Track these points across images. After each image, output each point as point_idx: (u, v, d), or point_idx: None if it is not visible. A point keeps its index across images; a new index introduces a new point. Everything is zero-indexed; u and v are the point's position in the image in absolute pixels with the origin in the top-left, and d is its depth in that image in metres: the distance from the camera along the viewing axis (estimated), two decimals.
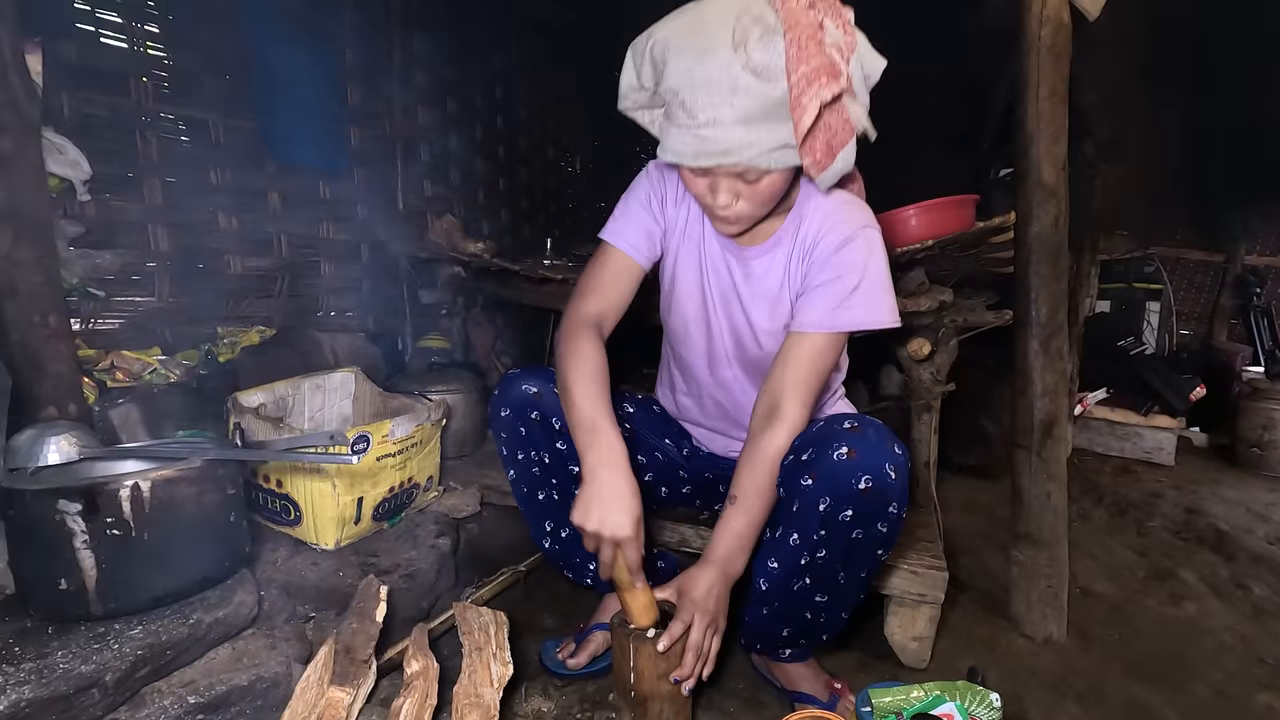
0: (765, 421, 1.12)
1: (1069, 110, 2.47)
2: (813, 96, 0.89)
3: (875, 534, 1.07)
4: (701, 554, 1.12)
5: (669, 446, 1.48)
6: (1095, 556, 2.14)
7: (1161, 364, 3.24)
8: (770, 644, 1.26)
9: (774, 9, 0.91)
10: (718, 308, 1.26)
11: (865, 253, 1.10)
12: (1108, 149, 2.50)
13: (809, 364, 1.11)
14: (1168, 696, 1.42)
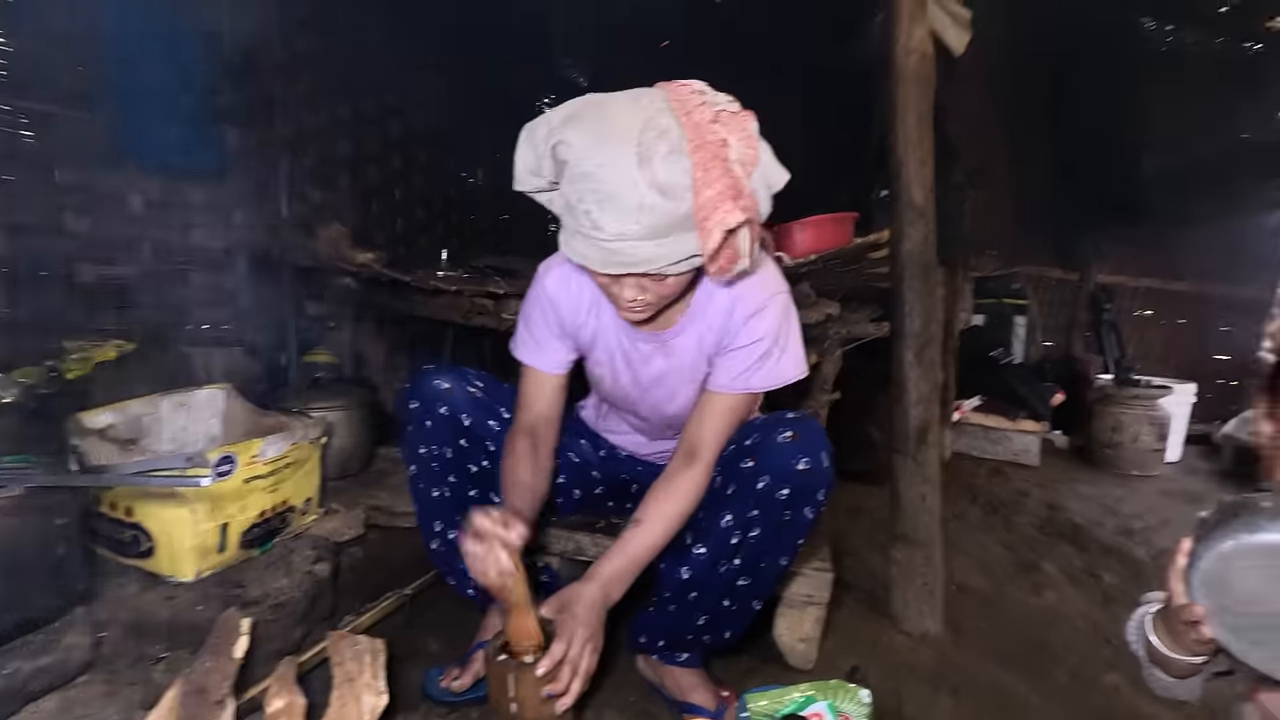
0: (683, 463, 1.18)
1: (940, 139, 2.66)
2: (717, 223, 0.91)
3: (802, 519, 1.13)
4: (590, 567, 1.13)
5: (584, 447, 1.49)
6: (970, 553, 2.28)
7: (1027, 373, 3.52)
8: (676, 641, 1.27)
9: (678, 122, 0.91)
10: (643, 391, 1.30)
11: (775, 319, 1.15)
12: (975, 175, 2.71)
13: (722, 419, 1.18)
14: (1031, 683, 1.52)
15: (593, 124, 0.92)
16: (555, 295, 1.23)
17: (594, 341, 1.26)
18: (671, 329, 1.19)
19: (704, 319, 1.17)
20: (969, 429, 3.34)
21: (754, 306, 1.13)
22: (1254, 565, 0.59)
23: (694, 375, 1.22)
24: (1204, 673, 0.75)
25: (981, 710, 1.41)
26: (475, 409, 1.30)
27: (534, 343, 1.26)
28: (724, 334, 1.15)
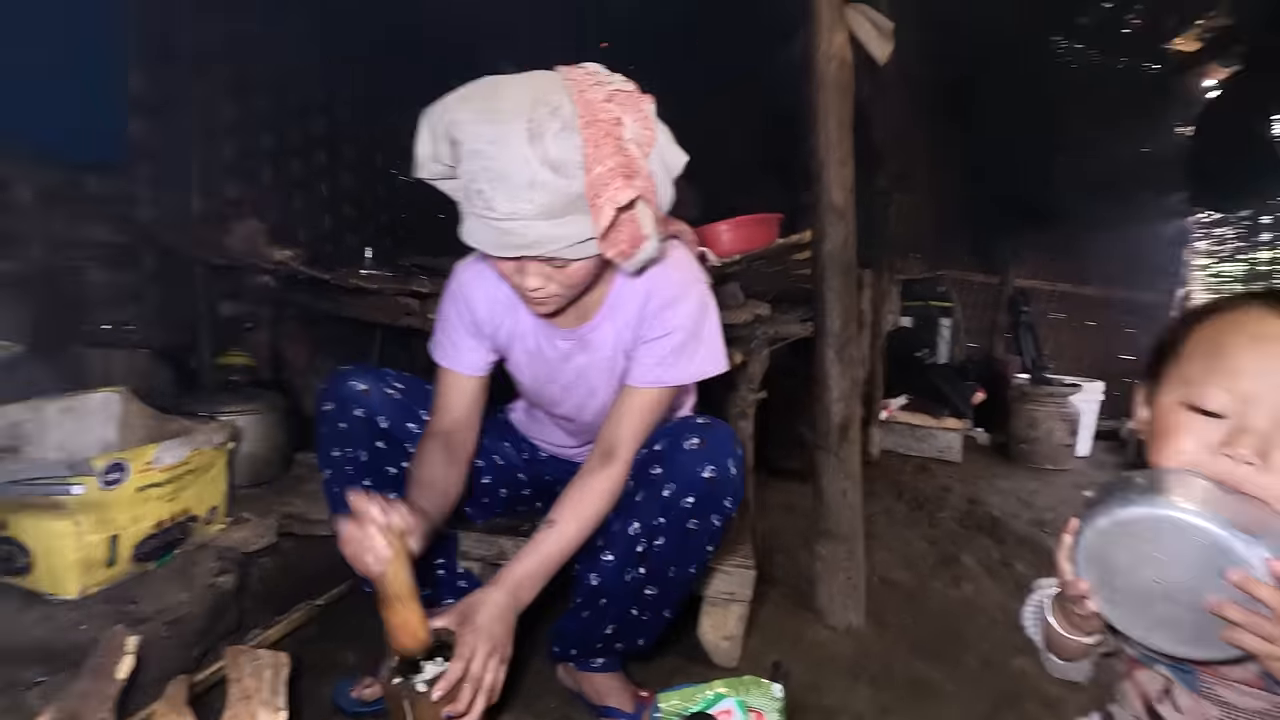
0: (599, 463, 1.16)
1: (864, 145, 2.74)
2: (608, 200, 0.90)
3: (709, 526, 1.12)
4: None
5: (507, 449, 1.46)
6: (894, 548, 2.34)
7: (951, 373, 3.66)
8: (588, 648, 1.25)
9: (571, 100, 0.90)
10: (564, 390, 1.28)
11: (691, 311, 1.14)
12: (898, 180, 2.80)
13: (640, 415, 1.16)
14: (946, 671, 1.57)
15: (484, 102, 0.90)
16: (470, 294, 1.20)
17: (511, 342, 1.24)
18: (588, 324, 1.18)
19: (620, 313, 1.16)
20: (897, 427, 3.44)
21: (668, 298, 1.12)
22: (1127, 538, 0.61)
23: (613, 371, 1.21)
24: (1093, 654, 0.78)
25: (897, 698, 1.44)
26: (394, 411, 1.26)
27: (450, 344, 1.23)
28: (639, 326, 1.14)
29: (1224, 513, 0.57)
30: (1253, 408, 0.62)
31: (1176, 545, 0.58)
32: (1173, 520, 0.57)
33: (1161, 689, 0.74)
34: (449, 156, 0.93)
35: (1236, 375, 0.63)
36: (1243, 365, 0.63)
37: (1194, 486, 0.59)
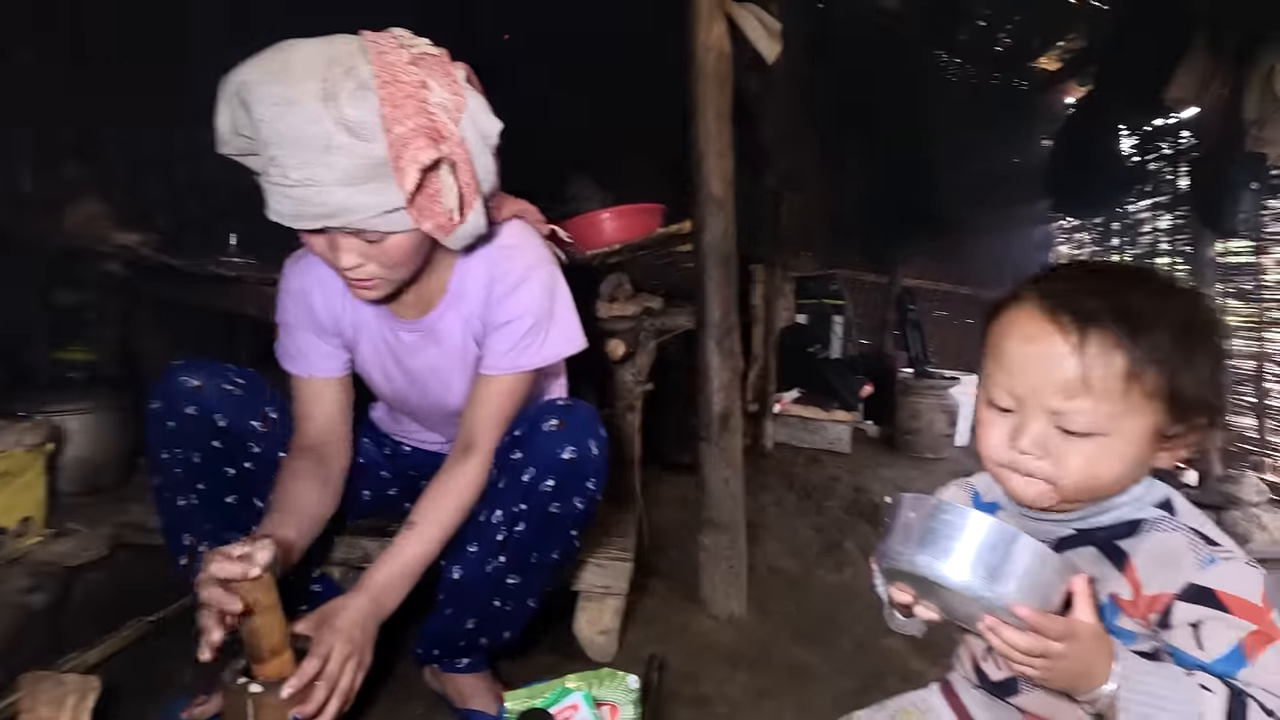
0: (459, 457, 1.11)
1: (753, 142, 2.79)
2: (410, 160, 0.85)
3: (572, 510, 1.09)
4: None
5: (368, 447, 1.38)
6: (783, 538, 2.39)
7: (841, 367, 3.79)
8: (451, 647, 1.19)
9: (369, 61, 0.86)
10: (417, 385, 1.22)
11: (539, 292, 1.11)
12: (787, 178, 2.87)
13: (498, 404, 1.12)
14: (821, 654, 1.60)
15: (276, 64, 0.84)
16: (304, 287, 1.13)
17: (356, 336, 1.17)
18: (433, 313, 1.13)
19: (465, 300, 1.11)
20: (790, 420, 3.52)
21: (514, 281, 1.08)
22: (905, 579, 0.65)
23: (466, 362, 1.16)
24: None
25: (773, 683, 1.45)
26: (233, 408, 1.16)
27: (296, 349, 1.15)
28: (486, 312, 1.10)
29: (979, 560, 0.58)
30: (1027, 404, 0.65)
31: (943, 589, 0.61)
32: (931, 576, 0.60)
33: (985, 648, 0.77)
34: (247, 126, 0.86)
35: (1012, 374, 0.67)
36: (1015, 364, 0.66)
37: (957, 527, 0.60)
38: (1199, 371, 0.64)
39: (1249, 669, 0.57)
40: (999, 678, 0.76)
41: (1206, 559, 0.62)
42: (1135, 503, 0.69)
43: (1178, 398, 0.63)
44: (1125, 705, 0.56)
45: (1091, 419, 0.62)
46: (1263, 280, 3.39)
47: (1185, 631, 0.60)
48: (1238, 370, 3.53)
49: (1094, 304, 0.62)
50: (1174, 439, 0.66)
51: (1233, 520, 2.66)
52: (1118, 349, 0.61)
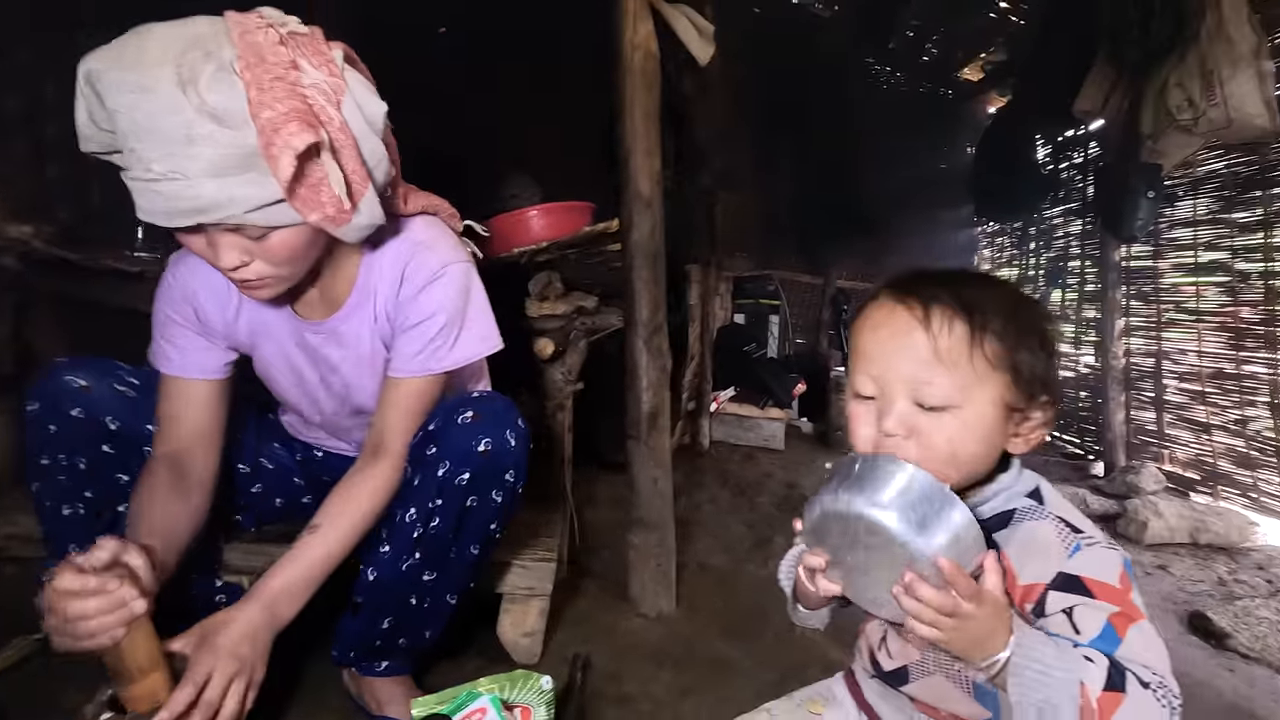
0: (368, 459, 1.07)
1: (688, 141, 2.80)
2: (283, 147, 0.79)
3: (490, 504, 1.07)
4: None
5: (278, 452, 1.32)
6: (716, 534, 2.42)
7: (775, 366, 3.87)
8: (368, 649, 1.16)
9: (231, 42, 0.80)
10: (325, 389, 1.17)
11: (452, 291, 1.07)
12: (721, 178, 2.91)
13: (408, 407, 1.09)
14: (746, 648, 1.62)
15: (129, 49, 0.78)
16: (190, 285, 1.06)
17: (256, 339, 1.11)
18: (338, 314, 1.08)
19: (372, 299, 1.07)
20: (726, 418, 3.57)
21: (425, 278, 1.05)
22: (837, 524, 0.65)
23: (375, 365, 1.12)
24: (832, 604, 0.83)
25: (697, 679, 1.47)
26: (125, 410, 1.09)
27: (173, 348, 1.08)
28: (397, 312, 1.07)
29: (912, 508, 0.61)
30: (886, 387, 0.69)
31: (868, 536, 0.63)
32: (865, 517, 0.62)
33: (880, 638, 0.80)
34: (104, 118, 0.79)
35: (871, 358, 0.70)
36: (872, 349, 0.70)
37: (895, 477, 0.64)
38: (1033, 349, 0.68)
39: (1121, 647, 0.60)
40: (892, 667, 0.78)
41: (1073, 546, 0.66)
42: (1007, 493, 0.72)
43: (1017, 372, 0.68)
44: (1018, 672, 0.59)
45: (945, 390, 0.66)
46: (1160, 283, 3.62)
47: (1060, 618, 0.63)
48: (1138, 367, 3.77)
49: (934, 289, 0.69)
50: (1022, 420, 0.70)
51: (1134, 508, 2.83)
52: (957, 318, 0.67)
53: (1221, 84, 2.52)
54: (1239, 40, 2.52)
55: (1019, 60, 4.42)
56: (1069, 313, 4.35)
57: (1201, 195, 3.33)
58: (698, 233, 2.96)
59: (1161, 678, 0.58)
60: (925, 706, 0.77)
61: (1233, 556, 2.69)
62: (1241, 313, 3.16)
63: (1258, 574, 2.53)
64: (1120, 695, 0.56)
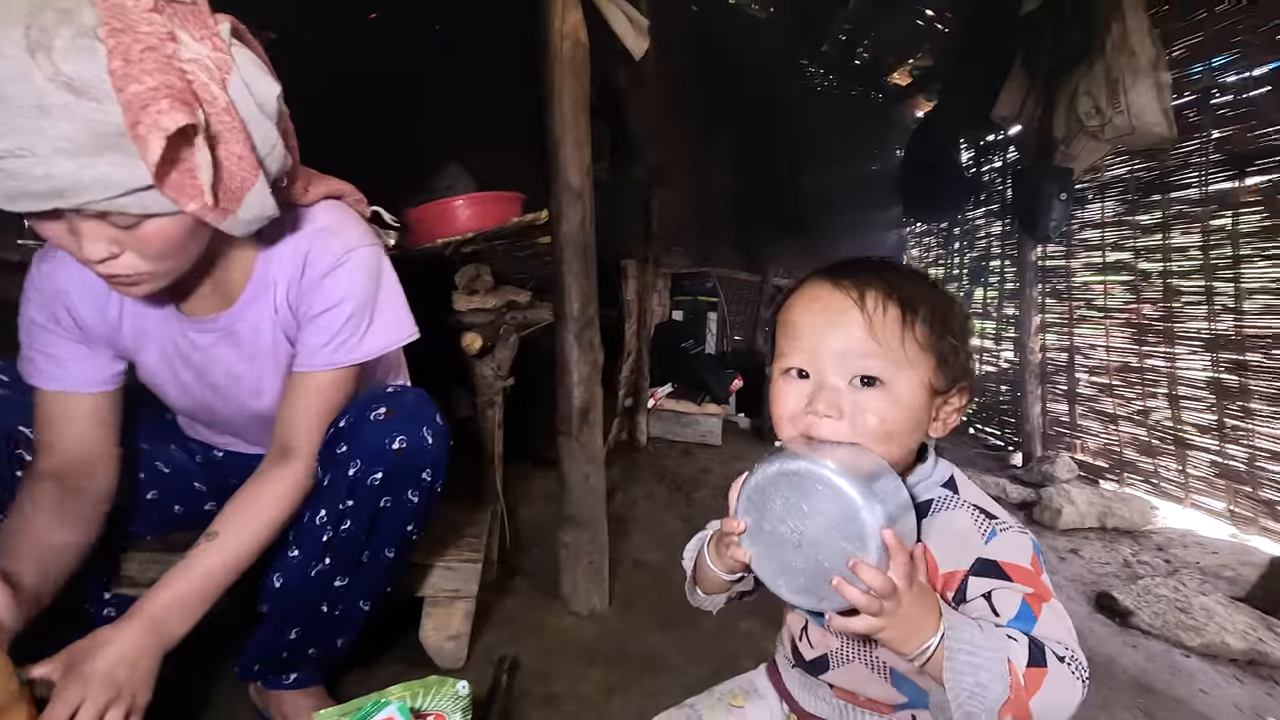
0: (275, 461, 1.00)
1: (623, 135, 2.78)
2: (151, 125, 0.70)
3: (405, 504, 1.02)
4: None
5: (175, 455, 1.22)
6: (651, 530, 2.41)
7: (712, 362, 3.90)
8: (275, 661, 1.09)
9: (92, 4, 0.71)
10: (219, 394, 1.08)
11: (358, 278, 1.00)
12: (657, 173, 2.90)
13: (317, 404, 1.01)
14: (679, 642, 1.62)
15: None
16: (60, 284, 0.96)
17: (139, 342, 1.02)
18: (233, 309, 1.01)
19: (271, 291, 1.00)
20: (664, 414, 3.57)
21: (329, 264, 0.98)
22: (785, 486, 0.64)
23: (279, 362, 1.05)
24: (732, 590, 0.83)
25: (627, 676, 1.45)
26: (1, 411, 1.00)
27: (45, 359, 0.98)
28: (299, 301, 1.00)
29: (864, 478, 0.61)
30: (820, 365, 0.69)
31: (818, 501, 0.62)
32: (821, 475, 0.61)
33: (801, 628, 0.80)
34: None
35: (804, 335, 0.70)
36: (806, 326, 0.70)
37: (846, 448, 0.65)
38: (954, 336, 0.70)
39: (1037, 625, 0.62)
40: (812, 656, 0.78)
41: (988, 532, 0.67)
42: (924, 483, 0.73)
43: (942, 358, 0.69)
44: (951, 654, 0.59)
45: (879, 365, 0.67)
46: (1072, 281, 3.82)
47: (980, 602, 0.64)
48: (1053, 362, 3.97)
49: (866, 275, 0.70)
50: (942, 405, 0.71)
51: (1049, 496, 2.98)
52: (890, 301, 0.68)
53: (1125, 93, 2.67)
54: (1140, 52, 2.67)
55: (943, 66, 4.58)
56: (990, 310, 4.55)
57: (1108, 198, 3.53)
58: (633, 227, 2.94)
59: (1072, 651, 0.60)
60: (844, 693, 0.77)
61: (1136, 539, 2.85)
62: (1144, 309, 3.36)
63: (1158, 554, 2.70)
64: (1043, 670, 0.58)
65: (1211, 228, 2.95)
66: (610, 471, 2.88)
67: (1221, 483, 2.98)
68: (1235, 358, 2.87)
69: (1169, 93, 2.73)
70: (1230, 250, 2.86)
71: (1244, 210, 2.80)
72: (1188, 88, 2.94)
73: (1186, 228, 3.08)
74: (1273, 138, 2.64)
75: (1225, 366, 2.93)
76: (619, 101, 2.71)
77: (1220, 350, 2.94)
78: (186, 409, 1.14)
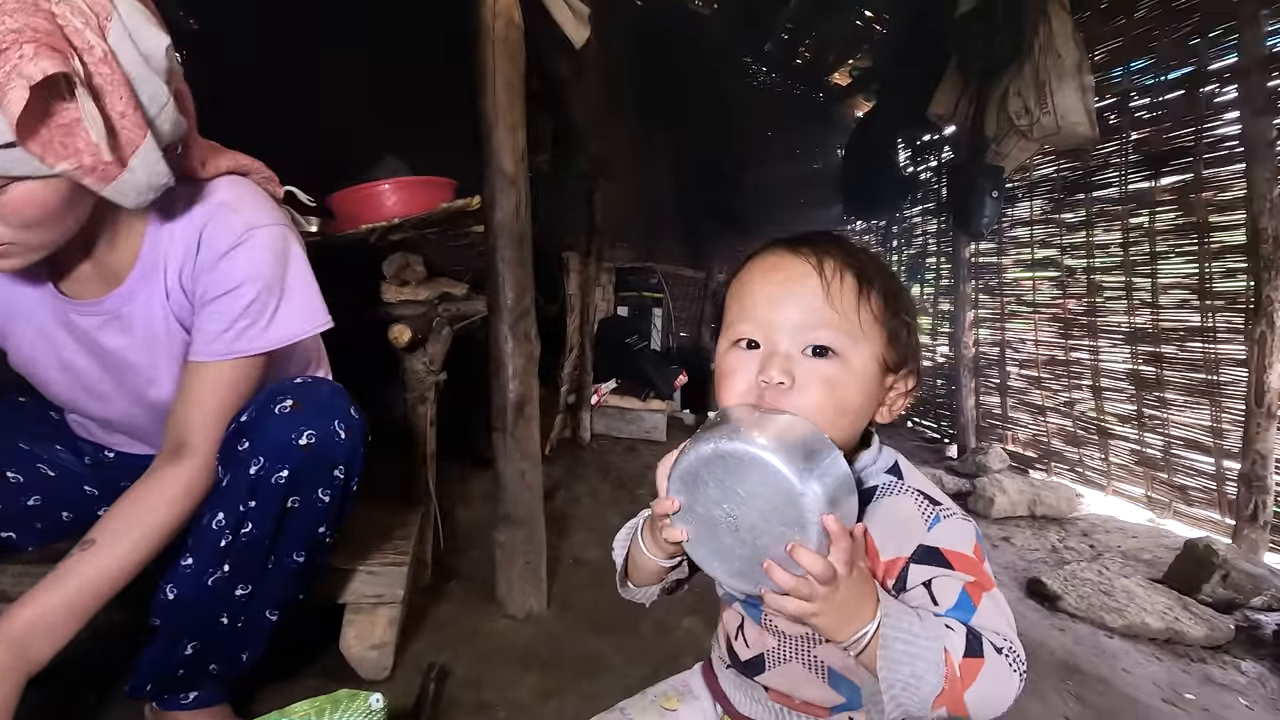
0: (167, 460, 0.90)
1: (565, 125, 2.72)
2: (12, 73, 0.62)
3: (315, 504, 0.94)
4: None
5: (61, 455, 1.11)
6: (593, 528, 2.35)
7: (657, 357, 3.87)
8: (170, 679, 0.99)
9: None
10: (105, 383, 0.99)
11: (263, 255, 0.92)
12: (599, 165, 2.85)
13: (215, 396, 0.93)
14: (618, 642, 1.58)
15: None
16: None
17: (10, 326, 0.93)
18: (119, 290, 0.92)
19: (161, 271, 0.91)
20: (608, 411, 3.53)
21: (226, 244, 0.90)
22: (720, 466, 0.60)
23: (173, 350, 0.96)
24: (665, 580, 0.79)
25: (564, 679, 1.40)
26: None
27: None
28: (195, 284, 0.91)
29: (801, 455, 0.58)
30: (774, 334, 0.66)
31: (754, 484, 0.58)
32: (756, 458, 0.57)
33: (737, 626, 0.76)
34: None
35: (756, 306, 0.67)
36: (762, 294, 0.68)
37: (783, 421, 0.61)
38: (904, 316, 0.69)
39: (976, 615, 0.60)
40: (748, 656, 0.75)
41: (932, 519, 0.66)
42: (869, 469, 0.71)
43: (893, 334, 0.68)
44: (886, 644, 0.56)
45: (834, 335, 0.65)
46: (1004, 278, 3.95)
47: (920, 591, 0.62)
48: (986, 356, 4.09)
49: (824, 243, 0.69)
50: (890, 387, 0.70)
51: (983, 486, 3.06)
52: (847, 270, 0.67)
53: (1052, 94, 2.76)
54: (1065, 55, 2.77)
55: (882, 67, 4.67)
56: (927, 306, 4.67)
57: (1036, 197, 3.65)
58: (576, 220, 2.88)
59: (1011, 643, 0.58)
60: (779, 695, 0.74)
61: (1063, 525, 2.96)
62: (1069, 304, 3.50)
63: (1083, 540, 2.80)
64: (980, 661, 0.56)
65: (1131, 225, 3.09)
66: (552, 469, 2.84)
67: (1140, 470, 3.12)
68: (1152, 350, 3.01)
69: (1092, 94, 2.84)
70: (1148, 247, 2.99)
71: (1160, 209, 2.93)
72: (1108, 91, 3.07)
73: (1108, 225, 3.21)
74: (1185, 139, 2.78)
75: (1143, 359, 3.06)
76: (560, 92, 2.64)
77: (1139, 343, 3.08)
78: (71, 402, 1.04)
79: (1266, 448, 2.42)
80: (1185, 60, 2.75)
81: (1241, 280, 2.58)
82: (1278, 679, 1.81)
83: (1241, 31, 2.45)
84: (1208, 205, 2.70)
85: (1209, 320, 2.74)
